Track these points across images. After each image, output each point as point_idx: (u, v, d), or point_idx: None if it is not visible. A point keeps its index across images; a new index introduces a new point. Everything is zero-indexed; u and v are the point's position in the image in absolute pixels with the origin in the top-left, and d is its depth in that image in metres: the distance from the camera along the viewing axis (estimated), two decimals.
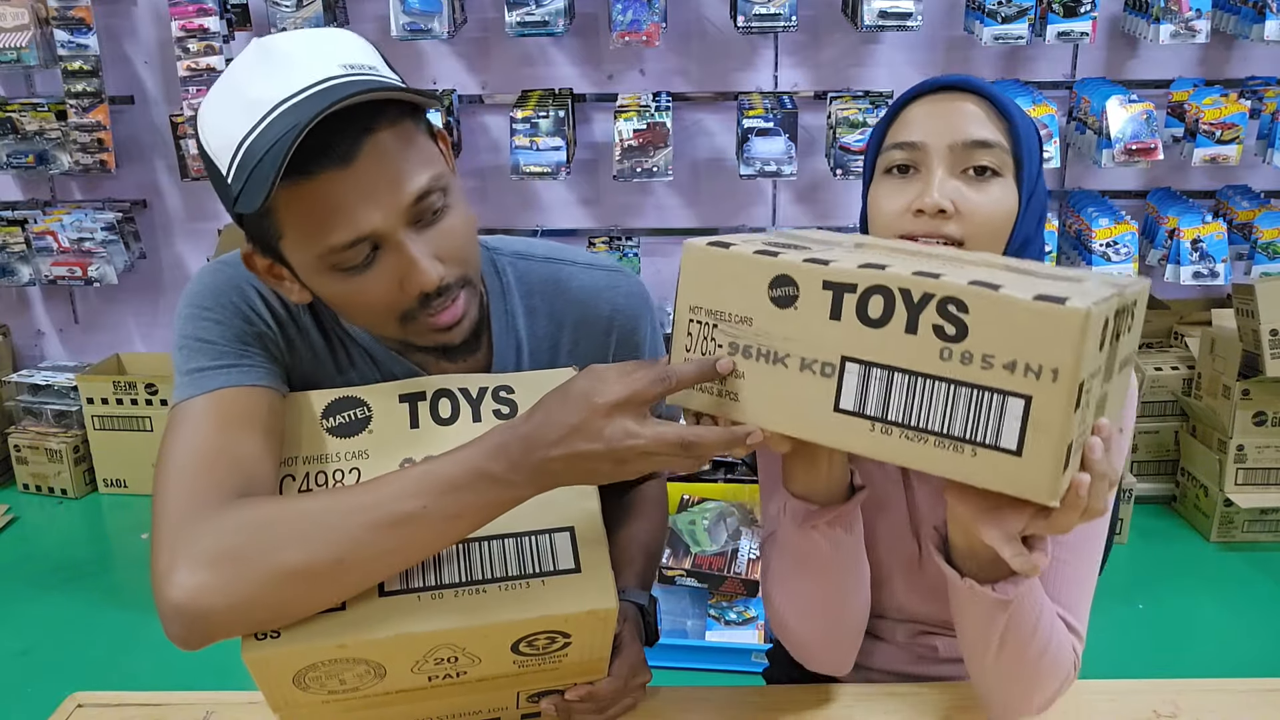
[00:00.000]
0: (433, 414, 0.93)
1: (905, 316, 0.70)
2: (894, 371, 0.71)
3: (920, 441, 0.71)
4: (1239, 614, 2.55)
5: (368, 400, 0.94)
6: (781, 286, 0.75)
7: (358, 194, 0.83)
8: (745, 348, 0.77)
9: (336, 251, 0.85)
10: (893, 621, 1.15)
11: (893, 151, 0.97)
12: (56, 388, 3.31)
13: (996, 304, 0.67)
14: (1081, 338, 0.64)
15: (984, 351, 0.67)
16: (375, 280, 0.87)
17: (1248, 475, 2.79)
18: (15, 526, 3.08)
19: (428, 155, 0.89)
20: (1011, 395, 0.67)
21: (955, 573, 0.88)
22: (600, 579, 0.86)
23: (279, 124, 0.80)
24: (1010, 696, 0.98)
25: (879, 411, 0.72)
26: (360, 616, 0.82)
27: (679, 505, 2.59)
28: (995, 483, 0.69)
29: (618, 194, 3.19)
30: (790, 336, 0.75)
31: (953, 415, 0.69)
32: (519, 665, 0.89)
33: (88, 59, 3.03)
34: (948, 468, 0.70)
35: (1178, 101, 2.91)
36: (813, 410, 0.74)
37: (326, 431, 0.92)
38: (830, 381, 0.73)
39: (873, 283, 0.71)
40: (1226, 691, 1.07)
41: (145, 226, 3.37)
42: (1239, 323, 2.75)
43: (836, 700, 1.07)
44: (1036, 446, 0.66)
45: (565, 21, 2.83)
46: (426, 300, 0.89)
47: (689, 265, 0.79)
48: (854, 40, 3.06)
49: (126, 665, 2.39)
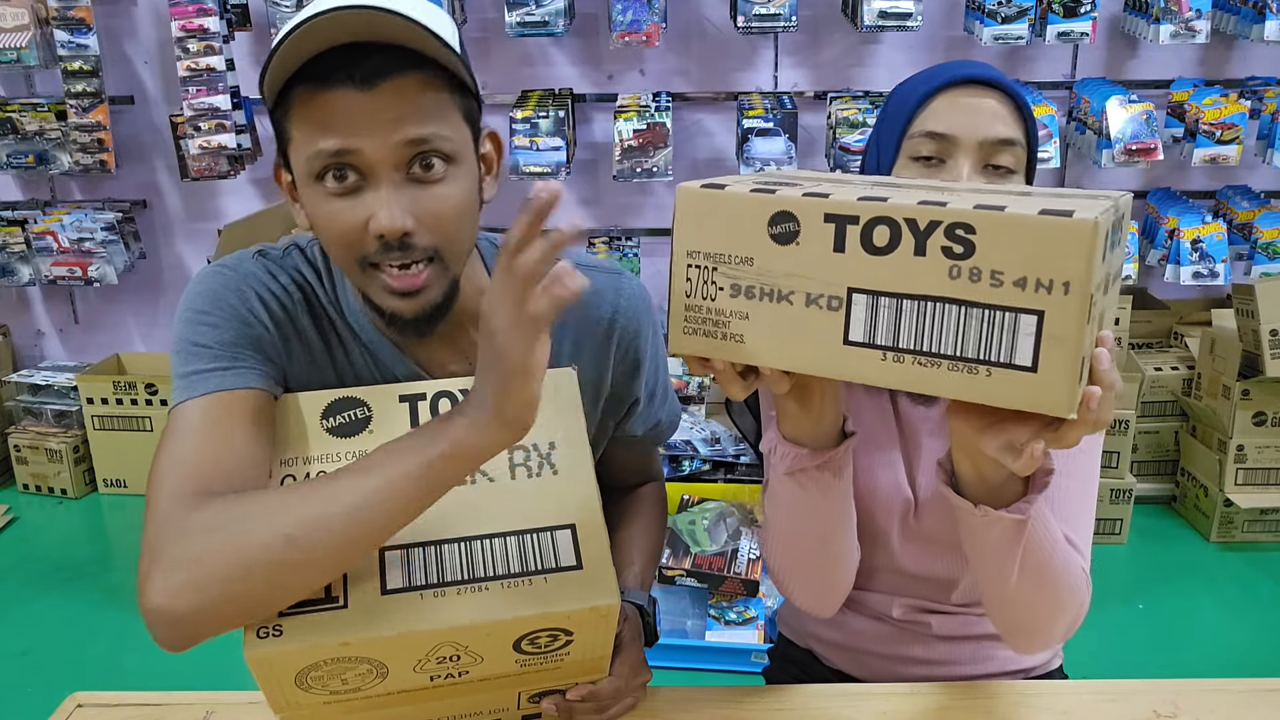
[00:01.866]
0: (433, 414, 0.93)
1: (913, 243, 0.70)
2: (902, 299, 0.71)
3: (933, 366, 0.71)
4: (1239, 614, 2.55)
5: (368, 401, 0.94)
6: (782, 223, 0.74)
7: (362, 116, 0.86)
8: (748, 288, 0.76)
9: (324, 158, 0.87)
10: (886, 595, 1.16)
11: (921, 140, 1.00)
12: (56, 388, 3.31)
13: (1003, 223, 0.67)
14: (1091, 248, 0.65)
15: (993, 270, 0.68)
16: (350, 210, 0.89)
17: (1248, 475, 2.79)
18: (15, 526, 3.08)
19: (446, 122, 0.90)
20: (1023, 312, 0.67)
21: (967, 502, 0.88)
22: (602, 575, 0.86)
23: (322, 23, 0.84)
24: (1035, 623, 0.99)
25: (889, 340, 0.72)
26: (362, 614, 0.82)
27: (679, 505, 2.59)
28: (1012, 400, 0.69)
29: (618, 194, 3.19)
30: (793, 273, 0.74)
31: (965, 337, 0.70)
32: (521, 664, 0.89)
33: (88, 59, 3.03)
34: (963, 390, 0.70)
35: (1178, 102, 2.91)
36: (822, 345, 0.74)
37: (327, 432, 0.92)
38: (838, 315, 0.73)
39: (876, 214, 0.71)
40: (1226, 691, 1.07)
41: (145, 226, 3.37)
42: (1239, 323, 2.75)
43: (836, 700, 1.07)
44: (1052, 361, 0.67)
45: (565, 21, 2.83)
46: (385, 251, 0.89)
47: (684, 209, 0.78)
48: (854, 40, 3.06)
49: (126, 665, 2.39)
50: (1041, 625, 1.00)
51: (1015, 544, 0.90)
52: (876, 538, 1.11)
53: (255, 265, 0.99)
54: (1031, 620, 1.00)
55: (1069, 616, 0.99)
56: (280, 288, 0.98)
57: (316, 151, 0.88)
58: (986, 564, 0.95)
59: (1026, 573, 0.92)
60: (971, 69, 1.02)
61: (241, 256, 1.00)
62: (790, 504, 1.00)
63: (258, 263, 0.99)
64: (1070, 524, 1.01)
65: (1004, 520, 0.88)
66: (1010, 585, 0.93)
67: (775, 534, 1.05)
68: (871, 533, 1.10)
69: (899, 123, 1.03)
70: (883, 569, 1.14)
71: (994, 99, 1.01)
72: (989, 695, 1.07)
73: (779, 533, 1.05)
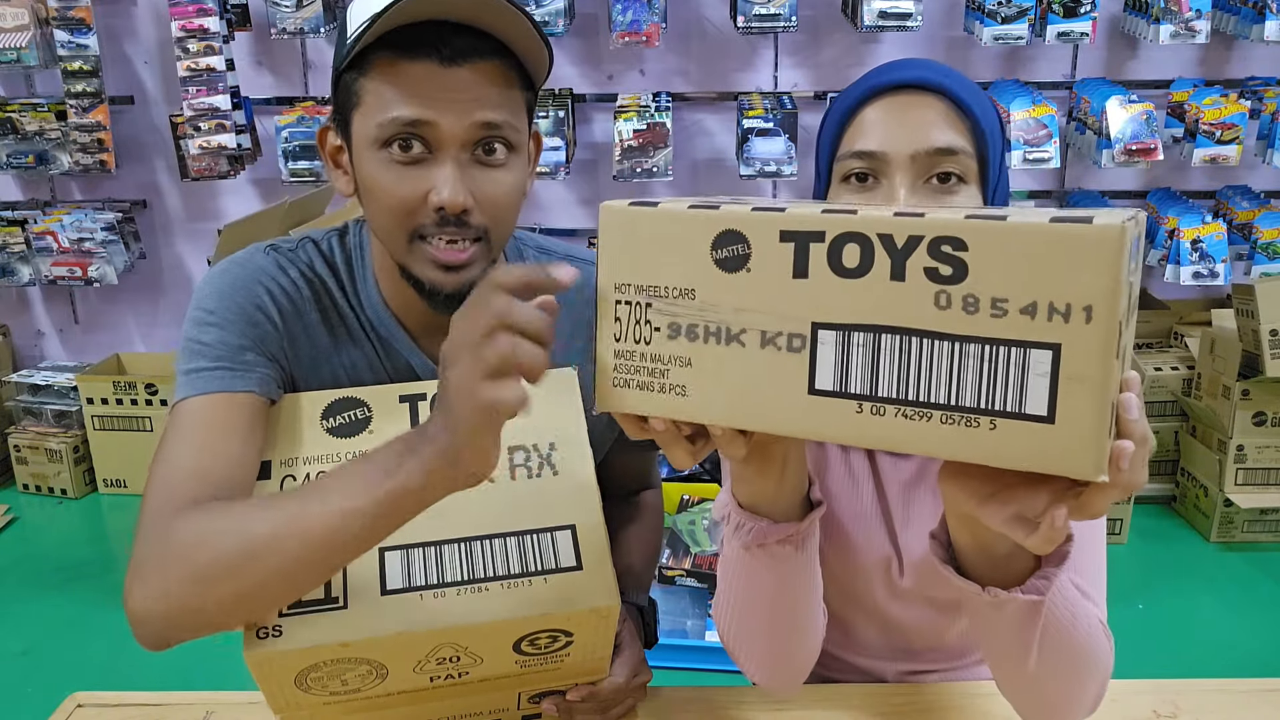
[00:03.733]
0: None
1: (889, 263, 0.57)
2: (881, 332, 0.58)
3: (922, 419, 0.57)
4: (1239, 614, 2.55)
5: (368, 401, 0.94)
6: (728, 245, 0.61)
7: (440, 92, 0.88)
8: (690, 327, 0.63)
9: (397, 125, 0.88)
10: (878, 661, 1.11)
11: (850, 160, 0.88)
12: (56, 388, 3.31)
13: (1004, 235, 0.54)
14: (1118, 261, 0.52)
15: (993, 295, 0.55)
16: (411, 180, 0.90)
17: (1248, 475, 2.79)
18: (15, 526, 3.08)
19: (514, 111, 0.93)
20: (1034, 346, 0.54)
21: (973, 584, 0.75)
22: (602, 576, 0.86)
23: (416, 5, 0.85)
24: (1059, 702, 0.86)
25: (866, 387, 0.58)
26: (362, 615, 0.82)
27: (679, 505, 2.59)
28: (1024, 460, 0.55)
29: (617, 194, 3.19)
30: (744, 307, 0.61)
31: (961, 380, 0.56)
32: (521, 665, 0.89)
33: (88, 59, 3.03)
34: (961, 449, 0.57)
35: (1178, 102, 2.92)
36: (781, 396, 0.61)
37: (327, 432, 0.92)
38: (800, 357, 0.60)
39: (844, 229, 0.58)
40: (1226, 691, 1.07)
41: (145, 226, 3.37)
42: (1239, 323, 2.75)
43: (836, 700, 1.07)
44: (1073, 407, 0.54)
45: (565, 21, 2.83)
46: (440, 225, 0.91)
47: (609, 232, 0.65)
48: (854, 40, 3.06)
49: (126, 665, 2.39)
50: (1066, 703, 0.86)
51: (1032, 624, 0.77)
52: (858, 599, 1.03)
53: (265, 259, 1.00)
54: (1055, 699, 0.86)
55: (1095, 688, 0.87)
56: (290, 281, 0.99)
57: (391, 119, 0.88)
58: (998, 649, 0.82)
59: (1046, 651, 0.79)
60: (898, 72, 0.89)
61: (253, 251, 1.01)
62: (747, 576, 0.87)
63: (269, 256, 1.00)
64: (1080, 570, 0.84)
65: (1018, 601, 0.74)
66: (1028, 668, 0.80)
67: (728, 605, 0.92)
68: (852, 594, 1.02)
69: (829, 142, 0.93)
70: (867, 629, 1.08)
71: (930, 104, 0.87)
72: (988, 695, 1.07)
73: (732, 605, 0.91)
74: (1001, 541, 0.72)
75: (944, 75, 0.89)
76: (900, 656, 1.11)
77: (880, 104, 0.89)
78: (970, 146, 0.88)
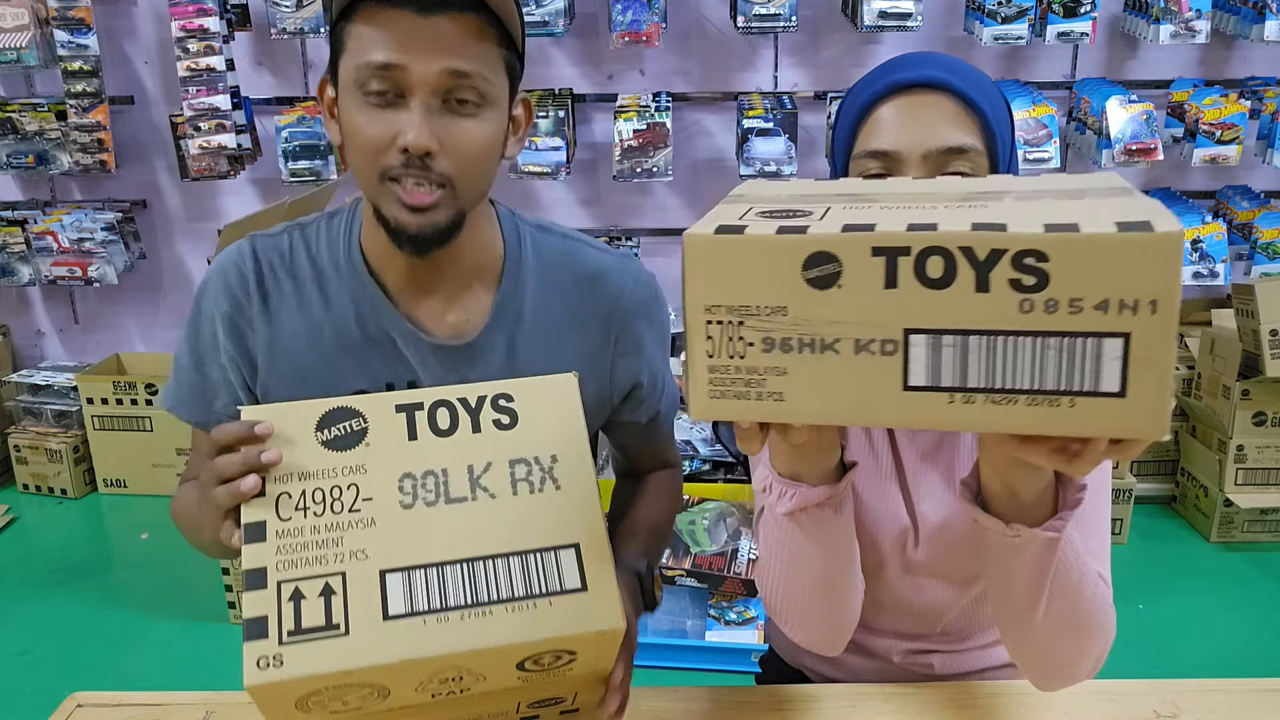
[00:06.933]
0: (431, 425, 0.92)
1: (973, 275, 0.63)
2: (968, 335, 0.64)
3: (1009, 403, 0.64)
4: (1239, 614, 2.55)
5: (364, 411, 0.92)
6: (819, 265, 0.65)
7: (414, 38, 0.94)
8: (783, 341, 0.67)
9: (371, 69, 0.94)
10: (886, 639, 1.14)
11: (865, 160, 0.94)
12: (56, 388, 3.31)
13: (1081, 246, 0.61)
14: (1179, 262, 0.60)
15: (1070, 296, 0.61)
16: (383, 122, 0.96)
17: (1248, 475, 2.79)
18: (15, 526, 3.08)
19: (487, 65, 0.97)
20: (1108, 336, 0.62)
21: (998, 521, 0.83)
22: (607, 598, 0.85)
23: None
24: (1062, 657, 0.94)
25: (956, 380, 0.65)
26: (365, 643, 0.81)
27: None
28: (1098, 429, 0.64)
29: (617, 194, 3.19)
30: (837, 319, 0.66)
31: (1043, 369, 0.63)
32: (523, 680, 0.88)
33: (88, 59, 3.03)
34: (1043, 424, 0.64)
35: (1178, 102, 2.92)
36: (877, 394, 0.66)
37: (322, 445, 0.90)
38: (893, 359, 0.65)
39: (929, 244, 0.63)
40: (1226, 691, 1.07)
41: (145, 226, 3.37)
42: (1239, 323, 2.75)
43: (836, 700, 1.07)
44: (1142, 384, 0.62)
45: (565, 21, 2.83)
46: (406, 167, 0.96)
47: (696, 260, 0.68)
48: (854, 40, 3.06)
49: (126, 665, 2.39)
50: (1069, 660, 0.94)
51: (1046, 568, 0.85)
52: (872, 576, 1.06)
53: (237, 249, 1.08)
54: (1059, 655, 0.94)
55: (1097, 650, 0.94)
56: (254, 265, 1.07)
57: (366, 62, 0.94)
58: (1013, 593, 0.89)
59: (1055, 601, 0.87)
60: (910, 73, 0.93)
61: (237, 244, 1.09)
62: (792, 546, 0.94)
63: (245, 243, 1.09)
64: (1093, 552, 0.94)
65: (1036, 540, 0.83)
66: (1038, 617, 0.88)
67: (776, 576, 0.99)
68: (868, 567, 1.05)
69: (844, 140, 0.98)
70: (878, 609, 1.11)
71: (941, 101, 0.92)
72: (989, 695, 1.07)
73: (780, 575, 0.98)
74: (1028, 487, 0.81)
75: (953, 73, 0.93)
76: (907, 637, 1.13)
77: (893, 103, 0.93)
78: (980, 143, 0.93)
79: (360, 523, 0.86)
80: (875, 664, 1.16)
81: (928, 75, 0.93)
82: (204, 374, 1.10)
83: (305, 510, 0.87)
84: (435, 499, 0.88)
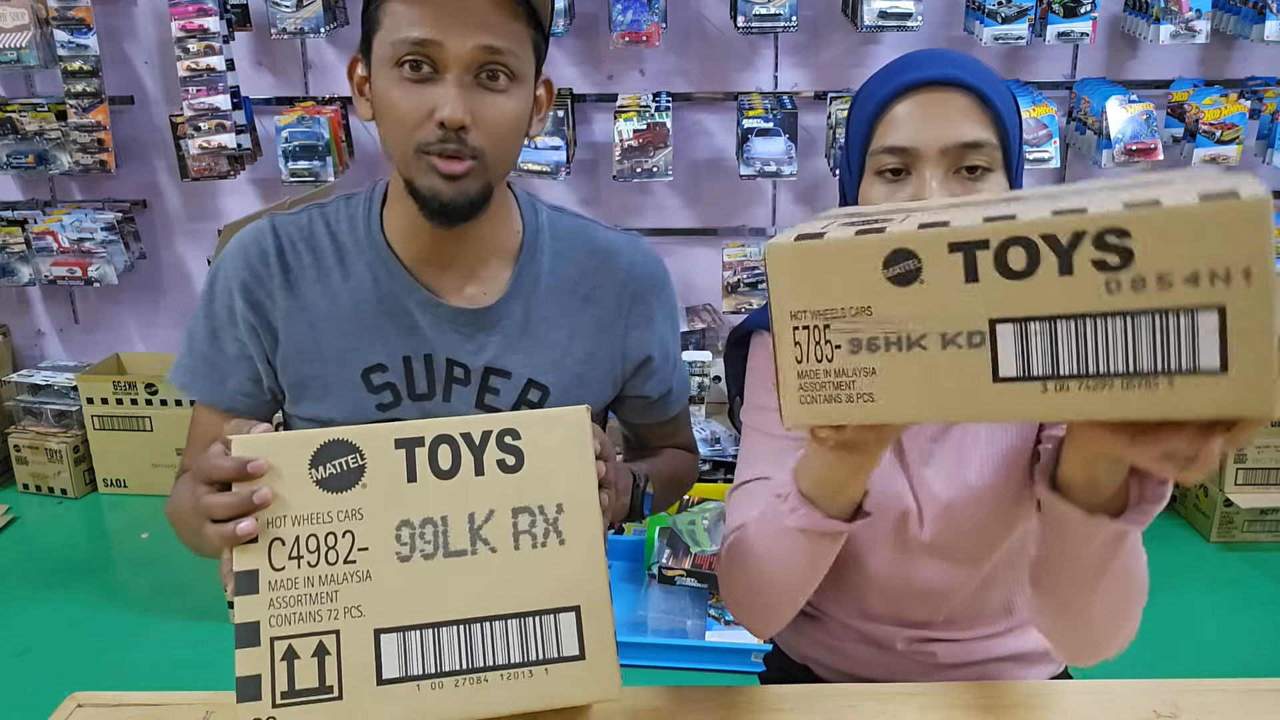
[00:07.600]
0: (432, 465, 0.87)
1: (1056, 261, 0.62)
2: (1055, 320, 0.63)
3: (1104, 388, 0.63)
4: (1239, 614, 2.55)
5: (361, 446, 0.87)
6: (900, 263, 0.66)
7: (448, 15, 0.97)
8: (870, 341, 0.68)
9: (408, 45, 0.98)
10: (889, 627, 1.14)
11: (883, 156, 0.97)
12: (56, 388, 3.31)
13: (1164, 219, 0.59)
14: (1268, 225, 0.58)
15: (1158, 272, 0.60)
16: (418, 97, 0.99)
17: (1248, 475, 2.79)
18: (15, 526, 3.08)
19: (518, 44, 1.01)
20: (1201, 310, 0.60)
21: (1079, 510, 0.82)
22: (605, 666, 0.85)
23: None
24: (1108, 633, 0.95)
25: (1048, 369, 0.64)
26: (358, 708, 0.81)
27: (679, 505, 2.59)
28: (1203, 410, 0.61)
29: (618, 194, 3.19)
30: (921, 315, 0.66)
31: (1136, 349, 0.62)
32: None
33: (88, 59, 3.03)
34: (1141, 408, 0.63)
35: (1178, 102, 2.91)
36: (968, 388, 0.66)
37: (316, 484, 0.86)
38: (981, 351, 0.65)
39: (1009, 235, 0.63)
40: (1226, 691, 1.07)
41: (145, 226, 3.37)
42: None
43: (836, 700, 1.07)
44: (1245, 357, 0.59)
45: (565, 22, 2.83)
46: (442, 140, 0.99)
47: (780, 268, 0.70)
48: (854, 40, 3.06)
49: (126, 665, 2.39)
50: (1113, 635, 0.96)
51: (1113, 554, 0.86)
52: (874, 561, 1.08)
53: (255, 227, 1.11)
54: (1106, 631, 0.95)
55: (1135, 620, 0.96)
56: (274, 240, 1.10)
57: (403, 39, 0.98)
58: (1072, 576, 0.90)
59: (1116, 581, 0.89)
60: (926, 71, 0.96)
61: (255, 223, 1.12)
62: (784, 552, 0.97)
63: (264, 221, 1.11)
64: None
65: (1111, 530, 0.82)
66: (1095, 596, 0.89)
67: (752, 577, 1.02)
68: (869, 556, 1.06)
69: (860, 137, 1.00)
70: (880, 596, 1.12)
71: (956, 98, 0.95)
72: (989, 695, 1.07)
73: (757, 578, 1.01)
74: (1111, 479, 0.80)
75: (967, 70, 0.96)
76: (909, 624, 1.14)
77: (909, 101, 0.96)
78: (994, 138, 0.95)
79: (356, 575, 0.85)
80: (879, 654, 1.16)
81: (943, 73, 0.95)
82: (220, 349, 1.12)
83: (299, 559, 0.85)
84: (433, 551, 0.85)
